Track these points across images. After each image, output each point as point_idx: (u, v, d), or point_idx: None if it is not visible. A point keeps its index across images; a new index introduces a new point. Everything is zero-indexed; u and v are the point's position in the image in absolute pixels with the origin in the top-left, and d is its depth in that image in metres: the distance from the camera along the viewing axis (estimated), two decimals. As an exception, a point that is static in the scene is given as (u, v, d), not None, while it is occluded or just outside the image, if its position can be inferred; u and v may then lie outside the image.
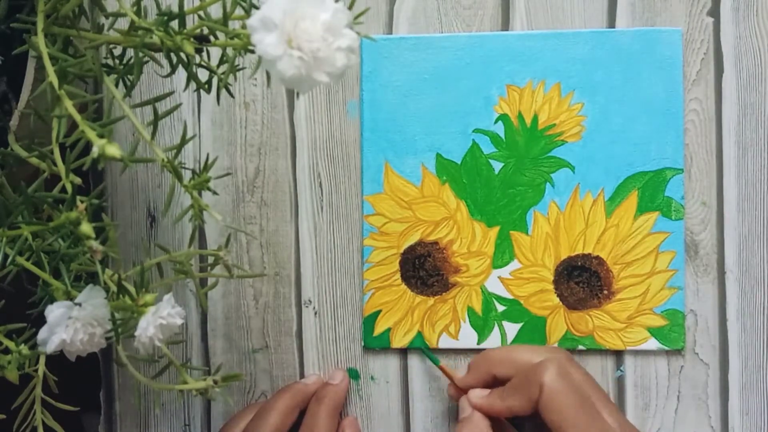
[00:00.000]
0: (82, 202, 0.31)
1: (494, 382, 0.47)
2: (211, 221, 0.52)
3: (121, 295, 0.33)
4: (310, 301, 0.52)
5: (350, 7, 0.32)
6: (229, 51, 0.34)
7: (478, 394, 0.46)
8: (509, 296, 0.51)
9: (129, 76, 0.36)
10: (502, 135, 0.51)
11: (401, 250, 0.51)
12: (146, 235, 0.53)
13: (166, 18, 0.32)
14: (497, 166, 0.51)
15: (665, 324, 0.50)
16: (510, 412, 0.45)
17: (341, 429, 0.50)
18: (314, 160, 0.52)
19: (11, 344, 0.34)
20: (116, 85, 0.34)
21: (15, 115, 0.39)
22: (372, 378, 0.52)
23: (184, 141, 0.34)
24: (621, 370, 0.51)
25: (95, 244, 0.31)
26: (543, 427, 0.44)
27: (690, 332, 0.50)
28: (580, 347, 0.50)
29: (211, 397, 0.36)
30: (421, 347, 0.51)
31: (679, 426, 0.50)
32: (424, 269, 0.51)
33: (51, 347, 0.32)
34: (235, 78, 0.52)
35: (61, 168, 0.33)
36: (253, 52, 0.30)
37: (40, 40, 0.33)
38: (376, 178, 0.51)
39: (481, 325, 0.51)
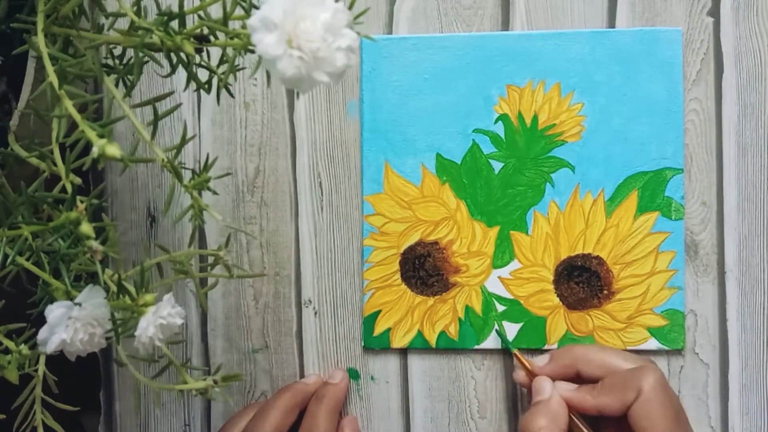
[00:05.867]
0: (82, 202, 0.31)
1: (573, 377, 0.47)
2: (211, 221, 0.52)
3: (121, 295, 0.33)
4: (310, 301, 0.52)
5: (350, 7, 0.32)
6: (229, 51, 0.34)
7: (566, 387, 0.46)
8: (509, 296, 0.51)
9: (129, 76, 0.36)
10: (502, 135, 0.51)
11: (401, 250, 0.51)
12: (146, 235, 0.53)
13: (166, 18, 0.32)
14: (497, 166, 0.51)
15: (665, 324, 0.50)
16: (598, 410, 0.44)
17: (340, 428, 0.50)
18: (314, 160, 0.52)
19: (11, 344, 0.34)
20: (116, 85, 0.34)
21: (15, 115, 0.39)
22: (372, 378, 0.52)
23: (184, 141, 0.34)
24: (621, 370, 0.51)
25: (95, 244, 0.30)
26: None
27: (690, 332, 0.50)
28: (580, 347, 0.50)
29: (211, 397, 0.36)
30: (496, 329, 0.50)
31: (679, 426, 0.50)
32: (424, 269, 0.51)
33: (51, 347, 0.32)
34: (235, 78, 0.52)
35: (61, 168, 0.33)
36: (253, 52, 0.30)
37: (40, 40, 0.33)
38: (376, 178, 0.51)
39: (481, 325, 0.51)
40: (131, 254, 0.53)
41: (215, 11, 0.34)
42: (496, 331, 0.50)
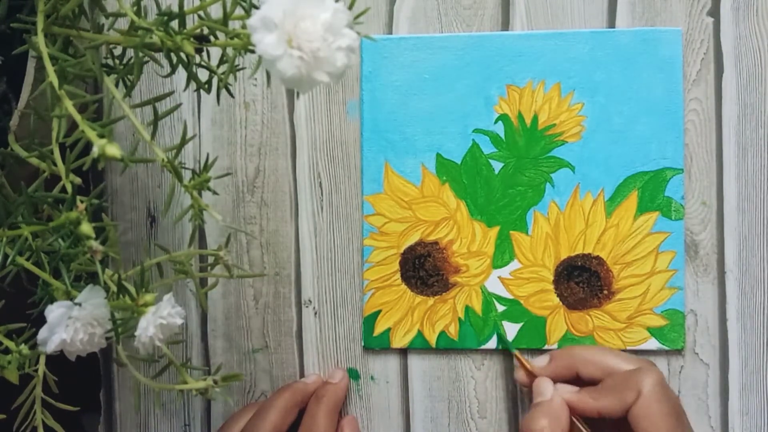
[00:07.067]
0: (82, 202, 0.31)
1: (573, 379, 0.47)
2: (211, 221, 0.52)
3: (121, 295, 0.33)
4: (310, 301, 0.52)
5: (350, 7, 0.32)
6: (229, 51, 0.34)
7: (568, 389, 0.46)
8: (509, 296, 0.51)
9: (129, 76, 0.36)
10: (502, 135, 0.51)
11: (401, 250, 0.51)
12: (146, 235, 0.53)
13: (166, 18, 0.32)
14: (497, 166, 0.51)
15: (665, 324, 0.50)
16: (599, 413, 0.44)
17: (340, 428, 0.50)
18: (314, 160, 0.52)
19: (11, 344, 0.34)
20: (116, 85, 0.34)
21: (15, 115, 0.39)
22: (372, 378, 0.52)
23: (184, 141, 0.34)
24: (621, 370, 0.50)
25: (95, 244, 0.31)
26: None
27: (690, 332, 0.50)
28: (580, 347, 0.50)
29: (211, 397, 0.36)
30: (496, 331, 0.50)
31: (679, 426, 0.50)
32: (424, 269, 0.51)
33: (51, 347, 0.32)
34: (235, 78, 0.52)
35: (61, 168, 0.33)
36: (253, 52, 0.30)
37: (40, 40, 0.33)
38: (376, 178, 0.51)
39: (481, 325, 0.51)
40: (131, 254, 0.53)
41: (215, 11, 0.34)
42: (498, 334, 0.50)
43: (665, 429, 0.42)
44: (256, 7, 0.32)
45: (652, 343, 0.50)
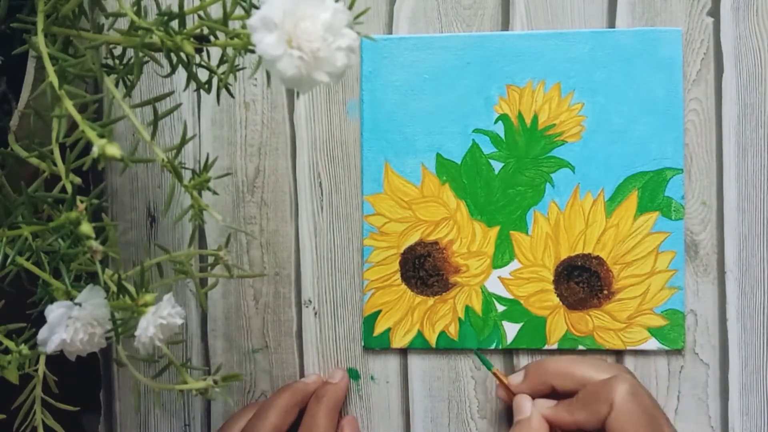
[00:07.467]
0: (82, 202, 0.31)
1: (550, 393, 0.47)
2: (211, 221, 0.52)
3: (121, 295, 0.33)
4: (310, 301, 0.52)
5: (350, 7, 0.32)
6: (229, 51, 0.34)
7: (545, 404, 0.46)
8: (509, 296, 0.51)
9: (129, 76, 0.36)
10: (502, 135, 0.51)
11: (401, 250, 0.51)
12: (146, 235, 0.53)
13: (166, 18, 0.32)
14: (497, 166, 0.51)
15: (665, 324, 0.50)
16: (576, 426, 0.44)
17: (340, 428, 0.50)
18: (314, 160, 0.52)
19: (11, 344, 0.34)
20: (116, 85, 0.34)
21: (15, 115, 0.39)
22: (372, 378, 0.52)
23: (184, 141, 0.34)
24: (621, 370, 0.50)
25: (95, 244, 0.31)
26: None
27: (690, 332, 0.50)
28: (580, 347, 0.50)
29: (211, 397, 0.36)
30: (474, 350, 0.51)
31: (679, 426, 0.50)
32: (424, 269, 0.51)
33: (51, 347, 0.32)
34: (235, 78, 0.52)
35: (61, 168, 0.33)
36: (253, 52, 0.30)
37: (40, 40, 0.33)
38: (376, 178, 0.51)
39: (481, 325, 0.51)
40: (131, 254, 0.53)
41: (215, 11, 0.34)
42: (476, 353, 0.50)
43: None
44: (256, 7, 0.32)
45: (652, 343, 0.50)
